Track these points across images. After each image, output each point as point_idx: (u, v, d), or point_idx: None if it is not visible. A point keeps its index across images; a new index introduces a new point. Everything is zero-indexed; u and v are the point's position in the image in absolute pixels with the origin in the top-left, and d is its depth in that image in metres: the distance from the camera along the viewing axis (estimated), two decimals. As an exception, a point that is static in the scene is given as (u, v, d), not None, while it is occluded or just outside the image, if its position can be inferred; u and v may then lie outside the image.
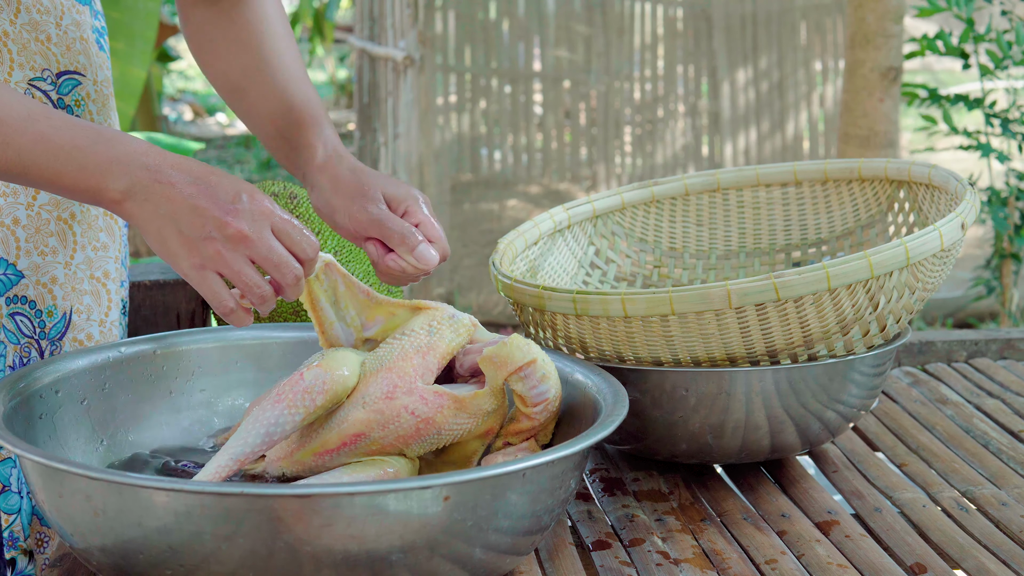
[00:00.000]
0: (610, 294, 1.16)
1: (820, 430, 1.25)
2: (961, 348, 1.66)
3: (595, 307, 1.17)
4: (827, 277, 1.14)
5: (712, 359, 1.18)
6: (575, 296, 1.18)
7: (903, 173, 1.41)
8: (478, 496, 0.94)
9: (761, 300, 1.14)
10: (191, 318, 1.53)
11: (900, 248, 1.16)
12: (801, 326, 1.17)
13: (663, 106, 6.52)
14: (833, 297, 1.16)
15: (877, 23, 3.86)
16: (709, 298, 1.14)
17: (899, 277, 1.18)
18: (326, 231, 1.39)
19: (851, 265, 1.14)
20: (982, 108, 3.75)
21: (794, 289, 1.14)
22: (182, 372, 1.23)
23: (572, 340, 1.22)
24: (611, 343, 1.20)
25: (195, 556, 0.91)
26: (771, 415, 1.21)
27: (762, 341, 1.17)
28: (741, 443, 1.22)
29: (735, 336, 1.16)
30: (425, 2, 5.92)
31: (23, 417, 1.08)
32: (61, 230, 1.26)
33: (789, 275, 1.14)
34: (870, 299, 1.17)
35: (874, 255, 1.15)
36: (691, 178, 1.53)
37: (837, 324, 1.17)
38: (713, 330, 1.16)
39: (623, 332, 1.18)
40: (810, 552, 1.12)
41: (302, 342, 1.27)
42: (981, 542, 1.15)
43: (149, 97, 6.60)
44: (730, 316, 1.15)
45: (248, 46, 1.32)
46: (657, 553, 1.11)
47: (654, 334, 1.17)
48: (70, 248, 1.26)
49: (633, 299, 1.16)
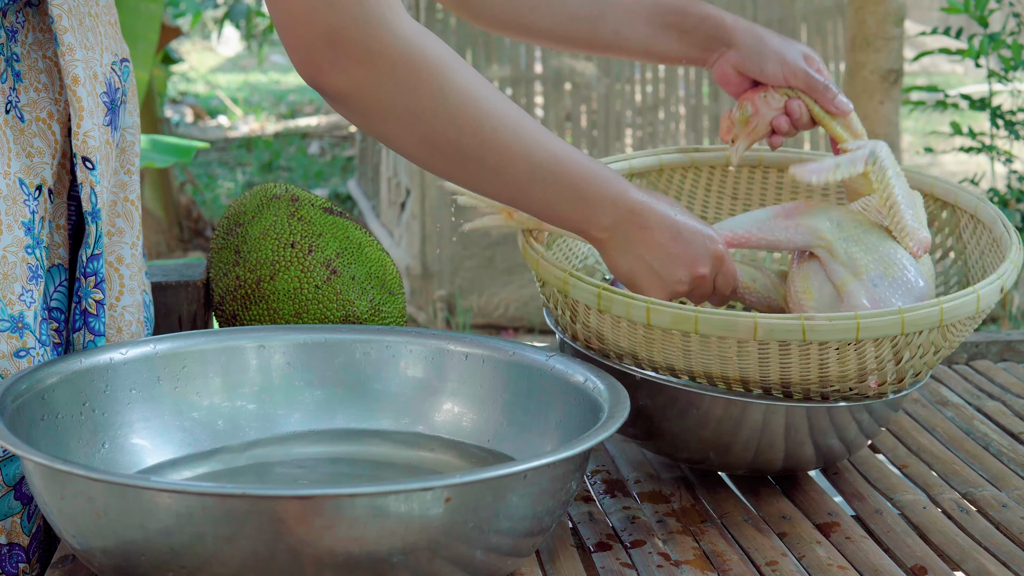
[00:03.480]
0: (636, 299, 1.16)
1: (839, 449, 1.24)
2: (961, 350, 1.66)
3: (618, 308, 1.17)
4: (857, 328, 1.13)
5: (726, 379, 1.18)
6: (600, 292, 1.18)
7: (950, 195, 1.38)
8: (479, 497, 0.94)
9: (786, 339, 1.13)
10: (193, 320, 1.53)
11: (935, 310, 1.14)
12: (820, 368, 1.16)
13: (664, 109, 6.52)
14: (858, 347, 1.15)
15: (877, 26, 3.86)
16: (735, 326, 1.13)
17: (928, 336, 1.16)
18: (327, 233, 1.40)
19: (883, 320, 1.13)
20: (989, 109, 3.75)
21: (821, 334, 1.13)
22: (184, 374, 1.23)
23: (590, 329, 1.22)
24: (629, 342, 1.19)
25: (197, 558, 0.92)
26: (782, 443, 1.20)
27: (778, 373, 1.16)
28: (752, 459, 1.22)
29: (753, 364, 1.16)
30: (426, 4, 5.92)
31: (26, 419, 1.08)
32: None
33: (819, 319, 1.13)
34: (894, 353, 1.16)
35: (908, 313, 1.13)
36: (767, 152, 1.48)
37: (856, 371, 1.17)
38: (732, 355, 1.16)
39: (642, 336, 1.18)
40: (811, 554, 1.12)
41: (303, 344, 1.27)
42: (982, 544, 1.15)
43: (151, 99, 6.59)
44: (752, 347, 1.15)
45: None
46: (658, 555, 1.11)
47: (673, 345, 1.17)
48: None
49: (659, 310, 1.15)
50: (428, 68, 1.11)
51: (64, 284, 1.24)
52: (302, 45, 1.09)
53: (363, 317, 1.37)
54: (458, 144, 1.13)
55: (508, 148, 1.14)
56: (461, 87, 1.12)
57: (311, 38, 1.09)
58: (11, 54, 1.18)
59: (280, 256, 1.38)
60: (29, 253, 1.17)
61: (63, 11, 1.18)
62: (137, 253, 1.31)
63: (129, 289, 1.29)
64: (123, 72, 1.29)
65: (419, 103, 1.11)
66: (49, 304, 1.22)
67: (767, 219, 1.30)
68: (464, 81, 1.13)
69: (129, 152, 1.31)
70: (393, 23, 1.09)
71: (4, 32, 1.17)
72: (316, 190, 8.09)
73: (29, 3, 1.20)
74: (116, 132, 1.27)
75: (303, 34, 1.09)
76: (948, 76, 9.95)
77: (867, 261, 1.25)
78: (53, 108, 1.20)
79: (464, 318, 5.70)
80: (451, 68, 1.12)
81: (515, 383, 1.22)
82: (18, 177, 1.17)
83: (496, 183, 1.17)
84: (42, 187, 1.19)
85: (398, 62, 1.10)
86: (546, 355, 1.20)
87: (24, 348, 1.17)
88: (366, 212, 7.16)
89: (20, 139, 1.18)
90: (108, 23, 1.27)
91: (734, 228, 1.29)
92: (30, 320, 1.17)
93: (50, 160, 1.20)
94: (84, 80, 1.19)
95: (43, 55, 1.20)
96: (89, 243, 1.21)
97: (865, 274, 1.24)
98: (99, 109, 1.23)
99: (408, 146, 1.15)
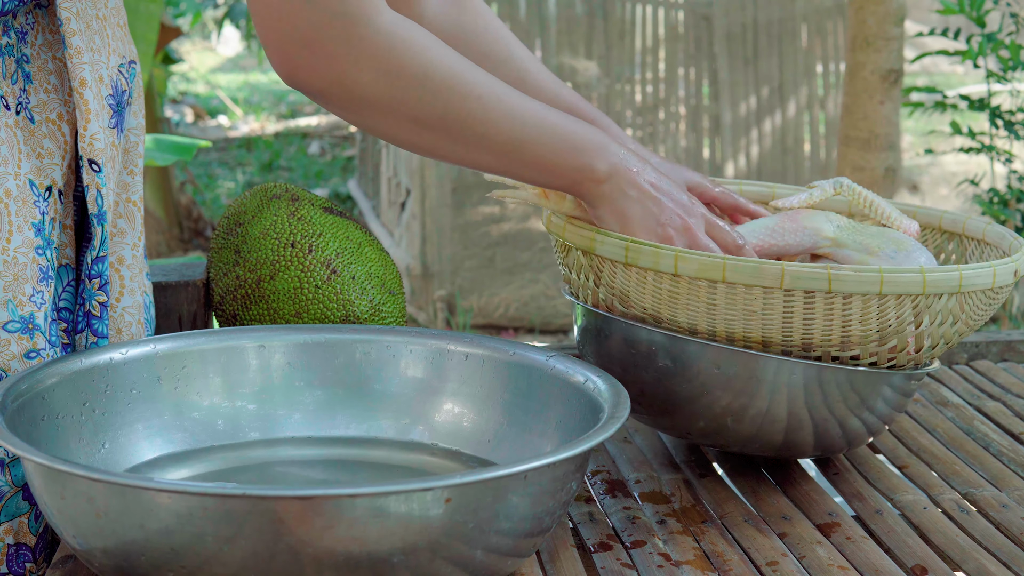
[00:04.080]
0: (664, 248, 1.18)
1: (838, 438, 1.25)
2: (962, 350, 1.66)
3: (646, 258, 1.18)
4: (881, 281, 1.16)
5: (747, 340, 1.19)
6: (629, 244, 1.19)
7: (958, 226, 1.42)
8: (479, 498, 0.94)
9: (812, 287, 1.15)
10: (193, 320, 1.53)
11: (955, 273, 1.18)
12: (843, 325, 1.18)
13: (664, 109, 6.52)
14: (881, 303, 1.17)
15: (878, 26, 3.86)
16: (762, 273, 1.15)
17: (947, 302, 1.19)
18: (327, 233, 1.40)
19: (905, 276, 1.16)
20: (988, 109, 3.75)
21: (847, 285, 1.15)
22: (184, 374, 1.23)
23: (615, 290, 1.22)
24: (653, 301, 1.20)
25: (197, 558, 0.92)
26: (792, 412, 1.21)
27: (800, 331, 1.18)
28: (753, 433, 1.22)
29: (776, 319, 1.17)
30: (426, 5, 5.92)
31: (26, 419, 1.08)
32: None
33: (845, 269, 1.16)
34: (915, 315, 1.18)
35: (929, 273, 1.17)
36: (748, 185, 1.53)
37: (877, 332, 1.18)
38: (757, 308, 1.17)
39: (668, 290, 1.19)
40: (811, 554, 1.12)
41: (303, 344, 1.27)
42: (982, 544, 1.15)
43: (151, 99, 6.60)
44: (777, 297, 1.16)
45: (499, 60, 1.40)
46: (659, 555, 1.11)
47: (697, 299, 1.18)
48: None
49: (686, 258, 1.17)
50: (410, 54, 1.12)
51: (72, 284, 1.24)
52: (281, 43, 1.10)
53: (363, 317, 1.37)
54: (445, 118, 1.14)
55: (495, 112, 1.16)
56: (444, 64, 1.14)
57: (290, 35, 1.09)
58: (21, 55, 1.18)
59: (280, 256, 1.38)
60: (40, 254, 1.17)
61: (71, 14, 1.18)
62: (138, 254, 1.31)
63: (129, 290, 1.29)
64: (130, 74, 1.29)
65: (401, 88, 1.12)
66: (58, 304, 1.22)
67: (774, 225, 1.31)
68: (446, 60, 1.14)
69: (133, 153, 1.31)
70: (372, 17, 1.10)
71: (14, 34, 1.18)
72: (316, 190, 8.10)
73: (39, 5, 1.20)
74: (121, 134, 1.27)
75: (282, 31, 1.09)
76: (948, 76, 9.95)
77: (878, 242, 1.30)
78: (63, 109, 1.20)
79: (464, 318, 5.70)
80: (432, 49, 1.13)
81: (515, 383, 1.22)
82: (28, 178, 1.17)
83: (488, 149, 1.18)
84: (52, 188, 1.19)
85: (379, 53, 1.11)
86: (546, 355, 1.21)
87: (35, 349, 1.17)
88: (366, 212, 7.16)
89: (31, 140, 1.18)
90: (116, 25, 1.27)
91: (747, 237, 1.30)
92: (40, 321, 1.17)
93: (60, 161, 1.20)
94: (91, 83, 1.19)
95: (53, 56, 1.21)
96: (95, 245, 1.21)
97: (880, 251, 1.29)
98: (105, 112, 1.23)
99: (395, 130, 1.16)
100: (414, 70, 1.12)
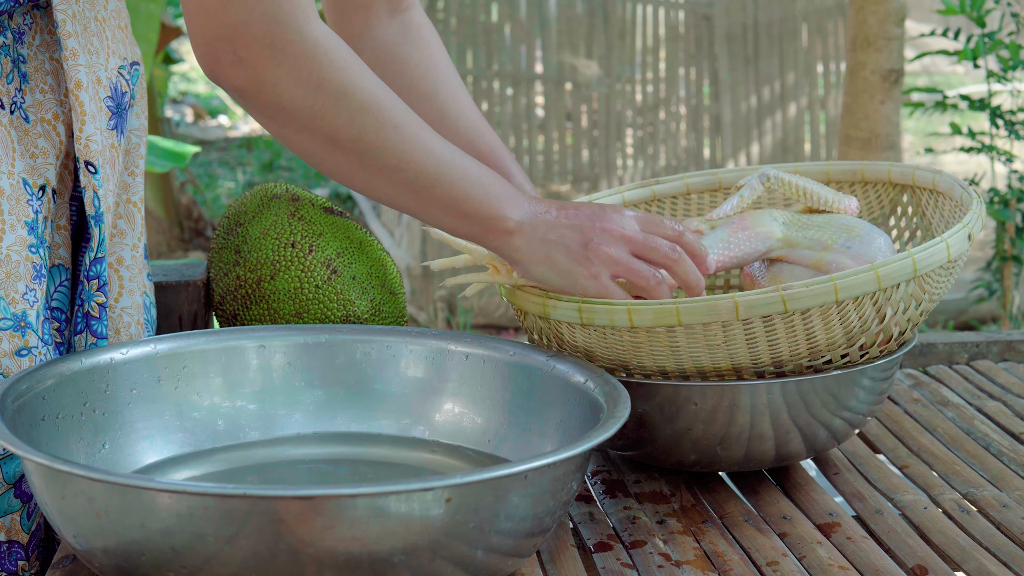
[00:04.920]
0: (616, 304, 1.16)
1: (827, 438, 1.25)
2: (962, 350, 1.66)
3: (601, 317, 1.17)
4: (835, 290, 1.14)
5: (718, 370, 1.18)
6: (580, 306, 1.18)
7: (907, 177, 1.42)
8: (480, 498, 0.94)
9: (768, 312, 1.14)
10: (193, 320, 1.53)
11: (908, 261, 1.16)
12: (808, 339, 1.17)
13: (665, 109, 6.52)
14: (840, 310, 1.16)
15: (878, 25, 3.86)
16: (716, 310, 1.14)
17: (906, 289, 1.18)
18: (327, 233, 1.39)
19: (859, 278, 1.15)
20: (988, 109, 3.75)
21: (801, 301, 1.14)
22: (184, 374, 1.23)
23: (578, 349, 1.22)
24: (617, 352, 1.20)
25: (197, 558, 0.92)
26: (777, 425, 1.20)
27: (768, 353, 1.17)
28: (745, 453, 1.22)
29: (741, 348, 1.16)
30: (427, 4, 5.92)
31: (26, 419, 1.08)
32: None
33: (797, 287, 1.14)
34: (877, 311, 1.18)
35: (881, 268, 1.15)
36: (692, 177, 1.53)
37: (844, 336, 1.18)
38: (719, 341, 1.16)
39: (629, 342, 1.18)
40: (811, 554, 1.12)
41: (304, 344, 1.27)
42: (982, 544, 1.15)
43: (152, 99, 6.60)
44: (737, 328, 1.15)
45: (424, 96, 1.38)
46: (659, 555, 1.11)
47: (660, 344, 1.17)
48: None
49: (639, 310, 1.15)
50: (332, 68, 1.12)
51: (65, 284, 1.24)
52: (206, 37, 1.10)
53: (364, 317, 1.37)
54: (360, 141, 1.14)
55: (411, 144, 1.15)
56: (364, 88, 1.13)
57: (216, 30, 1.09)
58: (17, 55, 1.18)
59: (280, 256, 1.38)
60: (33, 252, 1.18)
61: (67, 16, 1.18)
62: (138, 255, 1.31)
63: (128, 291, 1.29)
64: (132, 75, 1.29)
65: (321, 101, 1.12)
66: (50, 304, 1.22)
67: (727, 237, 1.31)
68: (368, 84, 1.14)
69: (134, 154, 1.31)
70: (301, 24, 1.10)
71: (11, 34, 1.18)
72: (317, 190, 8.09)
73: (36, 6, 1.20)
74: (122, 136, 1.27)
75: (210, 26, 1.09)
76: (948, 76, 9.95)
77: (828, 234, 1.30)
78: (59, 109, 1.20)
79: (465, 318, 5.70)
80: (355, 71, 1.13)
81: (516, 383, 1.22)
82: (22, 177, 1.17)
83: (401, 182, 1.17)
84: (45, 187, 1.20)
85: (301, 60, 1.11)
86: (546, 355, 1.21)
87: (26, 347, 1.17)
88: (367, 212, 7.16)
89: (24, 139, 1.19)
90: (117, 27, 1.27)
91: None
92: (32, 319, 1.18)
93: (54, 161, 1.20)
94: (87, 85, 1.19)
95: (50, 57, 1.21)
96: (92, 247, 1.21)
97: (834, 244, 1.29)
98: (102, 114, 1.23)
99: (308, 144, 1.16)
100: (334, 85, 1.12)
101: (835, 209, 1.35)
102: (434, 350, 1.26)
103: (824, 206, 1.35)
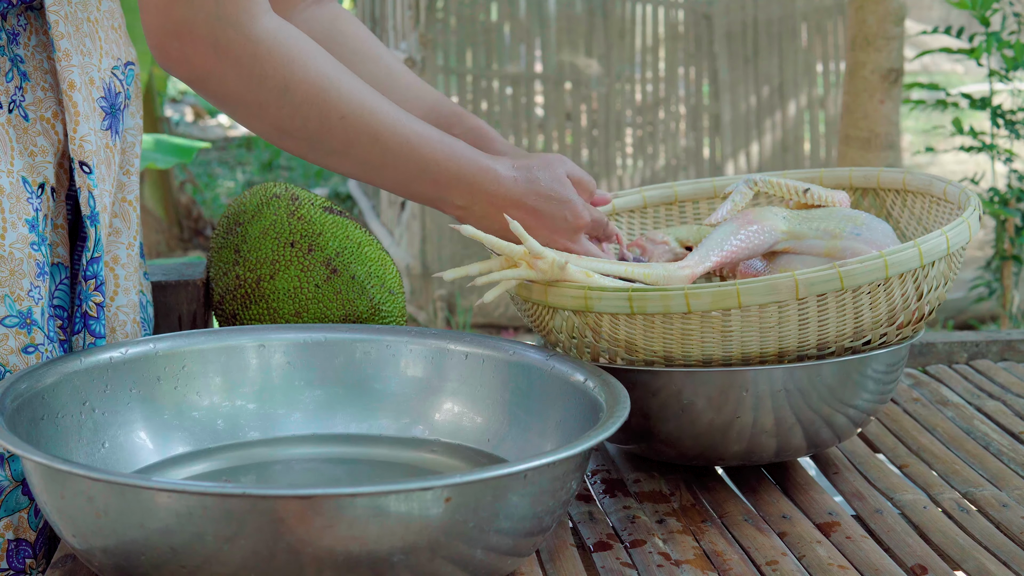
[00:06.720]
0: (671, 290, 1.16)
1: (828, 435, 1.25)
2: (962, 350, 1.66)
3: (654, 304, 1.16)
4: (885, 265, 1.17)
5: (764, 356, 1.19)
6: (631, 294, 1.17)
7: (896, 183, 1.43)
8: (479, 497, 0.94)
9: (825, 290, 1.16)
10: (193, 319, 1.53)
11: (942, 238, 1.20)
12: (855, 317, 1.19)
13: (664, 108, 6.52)
14: (887, 287, 1.19)
15: (878, 25, 3.86)
16: (776, 289, 1.16)
17: (939, 267, 1.22)
18: (327, 232, 1.39)
19: (905, 254, 1.18)
20: (989, 108, 3.75)
21: (857, 278, 1.17)
22: (184, 374, 1.23)
23: (618, 342, 1.20)
24: (663, 342, 1.19)
25: (197, 557, 0.92)
26: (779, 416, 1.21)
27: (816, 335, 1.19)
28: (747, 445, 1.22)
29: (793, 330, 1.18)
30: (427, 4, 5.92)
31: (26, 418, 1.08)
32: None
33: (852, 263, 1.17)
34: (916, 288, 1.21)
35: (923, 244, 1.19)
36: (681, 185, 1.54)
37: (887, 314, 1.21)
38: (773, 323, 1.17)
39: (679, 329, 1.18)
40: (811, 553, 1.12)
41: (303, 343, 1.27)
42: (982, 543, 1.15)
43: (151, 99, 6.60)
44: (792, 309, 1.17)
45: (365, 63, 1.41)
46: (658, 554, 1.11)
47: (712, 330, 1.17)
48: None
49: (698, 294, 1.15)
50: (274, 64, 1.15)
51: (65, 282, 1.24)
52: (156, 31, 1.13)
53: (363, 316, 1.37)
54: (305, 130, 1.18)
55: (356, 134, 1.19)
56: (307, 81, 1.16)
57: (164, 26, 1.13)
58: (14, 55, 1.19)
59: (280, 255, 1.38)
60: (35, 250, 1.18)
61: (60, 17, 1.19)
62: (134, 254, 1.31)
63: (124, 289, 1.30)
64: (127, 76, 1.29)
65: (264, 95, 1.16)
66: (52, 302, 1.22)
67: (736, 232, 1.32)
68: (312, 76, 1.17)
69: (129, 153, 1.31)
70: (244, 22, 1.13)
71: (5, 35, 1.18)
72: (316, 189, 8.09)
73: (30, 7, 1.20)
74: (116, 136, 1.27)
75: (158, 21, 1.13)
76: (948, 75, 9.95)
77: (834, 224, 1.32)
78: (57, 108, 1.21)
79: (464, 317, 5.70)
80: (299, 65, 1.16)
81: (515, 383, 1.22)
82: (21, 175, 1.18)
83: (346, 164, 1.22)
84: (44, 185, 1.20)
85: (242, 58, 1.14)
86: (546, 355, 1.20)
87: (32, 344, 1.17)
88: (366, 211, 7.16)
89: (23, 138, 1.19)
90: (111, 27, 1.27)
91: (720, 249, 1.30)
92: (38, 316, 1.18)
93: (53, 159, 1.20)
94: (80, 85, 1.20)
95: (47, 56, 1.21)
96: (89, 246, 1.22)
97: (843, 232, 1.31)
98: (96, 114, 1.23)
99: (259, 130, 1.20)
100: (276, 81, 1.15)
101: (829, 203, 1.37)
102: (433, 349, 1.26)
103: (818, 200, 1.37)
